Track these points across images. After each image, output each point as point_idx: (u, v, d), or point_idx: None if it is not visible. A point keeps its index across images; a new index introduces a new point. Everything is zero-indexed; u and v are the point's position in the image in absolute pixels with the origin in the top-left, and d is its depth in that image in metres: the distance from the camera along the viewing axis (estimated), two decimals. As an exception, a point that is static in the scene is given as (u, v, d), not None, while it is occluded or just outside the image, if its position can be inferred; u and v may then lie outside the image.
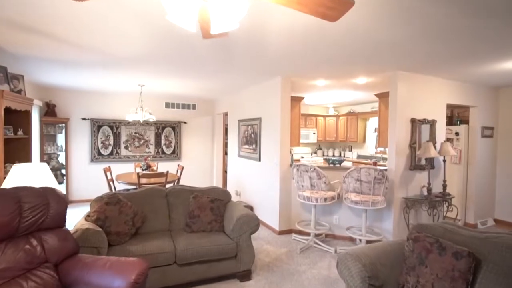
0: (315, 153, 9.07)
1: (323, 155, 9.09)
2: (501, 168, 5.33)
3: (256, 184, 5.37)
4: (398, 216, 4.09)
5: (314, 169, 3.69)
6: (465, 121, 5.31)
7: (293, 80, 4.68)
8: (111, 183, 5.15)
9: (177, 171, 5.87)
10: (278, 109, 4.55)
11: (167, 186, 5.01)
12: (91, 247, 2.42)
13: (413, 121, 4.15)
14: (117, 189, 5.36)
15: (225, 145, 7.83)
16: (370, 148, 7.96)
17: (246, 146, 5.77)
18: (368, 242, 3.85)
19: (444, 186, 4.27)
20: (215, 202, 3.38)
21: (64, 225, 2.19)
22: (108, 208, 2.86)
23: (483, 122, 5.17)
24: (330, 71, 4.10)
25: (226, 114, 7.40)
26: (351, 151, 8.66)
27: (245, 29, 2.61)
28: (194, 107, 7.57)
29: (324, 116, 8.85)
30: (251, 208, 5.50)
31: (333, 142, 9.07)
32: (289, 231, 4.65)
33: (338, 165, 4.39)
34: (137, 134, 6.94)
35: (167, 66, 3.99)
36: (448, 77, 4.46)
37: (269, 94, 4.86)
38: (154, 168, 5.61)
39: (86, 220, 2.76)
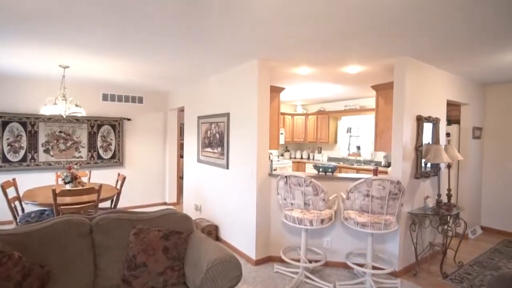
0: (282, 155, 8.21)
1: (291, 158, 8.27)
2: (487, 172, 4.95)
3: (223, 198, 4.24)
4: (404, 235, 3.32)
5: (311, 181, 2.70)
6: (454, 121, 4.82)
7: (272, 65, 3.66)
8: (16, 203, 3.60)
9: (117, 182, 4.47)
10: (255, 102, 3.49)
11: (102, 205, 3.64)
12: None
13: (419, 119, 3.41)
14: (25, 212, 3.80)
15: (181, 146, 6.53)
16: (342, 149, 7.32)
17: (209, 150, 4.60)
18: (373, 274, 2.99)
19: (449, 196, 3.61)
20: (171, 237, 2.20)
21: None
22: (-35, 271, 1.52)
23: (473, 122, 4.72)
24: (317, 54, 3.16)
25: (182, 110, 6.12)
26: (320, 153, 7.97)
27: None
28: (141, 100, 6.14)
29: (292, 115, 8.03)
30: (215, 228, 4.35)
31: (302, 143, 8.30)
32: (268, 260, 3.61)
33: (331, 173, 3.48)
34: (62, 134, 5.31)
35: (100, 31, 2.67)
36: (452, 69, 3.83)
37: (242, 82, 3.77)
38: (83, 180, 4.14)
39: None
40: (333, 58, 3.35)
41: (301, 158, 8.21)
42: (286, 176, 2.83)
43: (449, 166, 3.68)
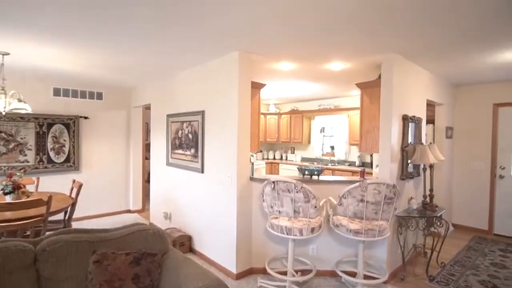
0: (252, 155, 7.93)
1: (263, 158, 8.02)
2: (457, 170, 5.09)
3: (198, 205, 3.83)
4: (391, 239, 3.19)
5: (302, 187, 2.43)
6: (428, 121, 4.87)
7: (253, 59, 3.35)
8: None
9: (72, 190, 3.86)
10: (235, 99, 3.15)
11: (55, 218, 3.07)
12: None
13: (404, 118, 3.31)
14: (-50, 230, 3.08)
15: (147, 147, 5.97)
16: (316, 149, 7.22)
17: (180, 152, 4.16)
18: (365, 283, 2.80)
19: (431, 197, 3.57)
20: (143, 261, 1.80)
21: None
22: None
23: (447, 122, 4.81)
24: (301, 47, 2.91)
25: (148, 108, 5.57)
26: (294, 153, 7.82)
27: None
28: (100, 96, 5.48)
29: (265, 114, 7.78)
30: (189, 239, 3.93)
31: (275, 143, 8.09)
32: (249, 272, 3.29)
33: (317, 176, 3.25)
34: (2, 134, 4.52)
35: (48, 9, 2.16)
36: (433, 68, 3.81)
37: (220, 77, 3.41)
38: (30, 189, 3.49)
39: None
40: (317, 53, 3.13)
41: (274, 158, 8.01)
42: (273, 182, 2.53)
43: (430, 167, 3.64)
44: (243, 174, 3.21)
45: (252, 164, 3.35)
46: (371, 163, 5.87)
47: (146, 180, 6.08)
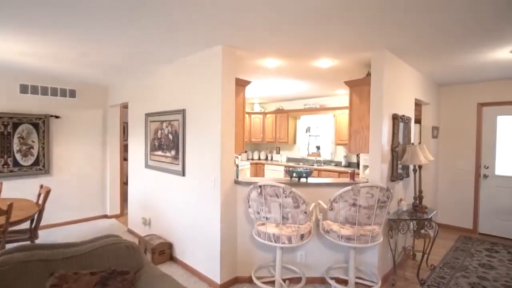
0: (237, 157, 7.71)
1: (248, 159, 7.83)
2: (442, 170, 5.08)
3: (179, 211, 3.59)
4: (382, 243, 3.07)
5: (291, 192, 2.25)
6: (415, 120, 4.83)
7: (238, 54, 3.15)
8: None
9: (39, 196, 3.52)
10: (218, 96, 2.94)
11: (20, 227, 2.74)
12: None
13: (395, 117, 3.20)
14: None
15: (125, 148, 5.64)
16: (301, 149, 7.10)
17: (160, 153, 3.90)
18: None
19: (421, 198, 3.49)
20: (111, 281, 1.56)
21: None
22: None
23: (433, 122, 4.78)
24: (288, 40, 2.74)
25: (125, 106, 5.25)
26: (279, 153, 7.68)
27: None
28: (73, 94, 5.10)
29: (250, 113, 7.60)
30: (169, 246, 3.68)
31: (260, 143, 7.91)
32: (234, 282, 3.08)
33: (305, 179, 3.08)
34: (-40, 135, 4.10)
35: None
36: (420, 67, 3.73)
37: (202, 73, 3.18)
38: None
39: None
40: (305, 48, 2.96)
41: (259, 159, 7.83)
42: (260, 186, 2.34)
43: (419, 167, 3.56)
44: (227, 177, 3.00)
45: (237, 166, 3.14)
46: (358, 163, 5.80)
47: (125, 182, 5.75)
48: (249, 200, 2.50)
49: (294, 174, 3.05)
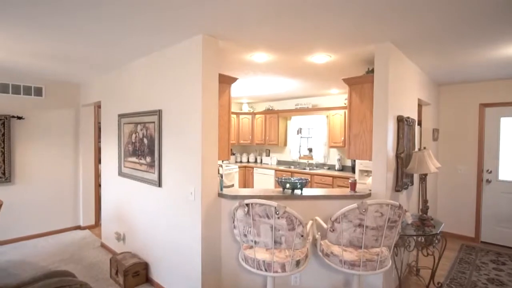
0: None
1: (237, 162, 7.40)
2: (441, 175, 4.78)
3: (155, 226, 3.13)
4: (386, 263, 2.70)
5: (285, 212, 1.85)
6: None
7: (222, 47, 2.72)
8: None
9: (-12, 212, 3.01)
10: (198, 95, 2.50)
11: None
12: None
13: (400, 120, 2.84)
14: None
15: (100, 150, 5.11)
16: (292, 152, 6.72)
17: (134, 159, 3.43)
18: (361, 322, 2.28)
19: (426, 209, 3.15)
20: None
21: None
22: None
23: (433, 124, 4.47)
24: (279, 30, 2.34)
25: (100, 106, 4.74)
26: (269, 155, 7.28)
27: None
28: (39, 92, 4.56)
29: (238, 114, 7.17)
30: (145, 266, 3.22)
31: (248, 145, 7.50)
32: (218, 310, 2.66)
33: (300, 190, 2.68)
34: None
35: None
36: (424, 64, 3.39)
37: (180, 67, 2.74)
38: None
39: None
40: (299, 40, 2.57)
41: (248, 162, 7.42)
42: (247, 204, 1.92)
43: (425, 175, 3.22)
44: (210, 189, 2.57)
45: (221, 176, 2.72)
46: (352, 167, 5.45)
47: (99, 184, 5.23)
48: (234, 219, 2.08)
49: (288, 185, 2.64)
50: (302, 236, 1.93)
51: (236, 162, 7.37)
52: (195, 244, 2.57)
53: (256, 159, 7.45)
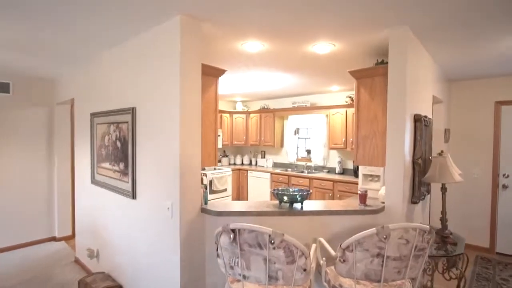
0: (219, 161, 6.82)
1: (230, 164, 6.94)
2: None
3: (131, 243, 2.67)
4: (402, 289, 2.27)
5: (282, 241, 1.40)
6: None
7: (206, 31, 2.26)
8: None
9: None
10: (175, 90, 2.05)
11: None
12: None
13: (417, 119, 2.41)
14: None
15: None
16: (289, 154, 6.28)
17: (107, 165, 2.96)
18: None
19: (445, 223, 2.72)
20: None
21: None
22: None
23: (445, 123, 4.06)
24: (274, 16, 1.90)
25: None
26: (264, 157, 6.83)
27: None
28: (5, 88, 4.05)
29: (231, 113, 6.71)
30: (120, 289, 2.76)
31: (242, 146, 7.05)
32: None
33: (300, 204, 2.23)
34: None
35: None
36: (439, 55, 2.97)
37: (154, 57, 2.28)
38: None
39: None
40: (298, 24, 2.13)
41: (242, 164, 6.96)
42: (233, 230, 1.47)
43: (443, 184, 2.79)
44: (190, 204, 2.12)
45: (206, 188, 2.26)
46: (354, 171, 5.03)
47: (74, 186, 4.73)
48: (217, 247, 1.63)
49: (285, 198, 2.19)
50: (305, 270, 1.49)
51: (229, 164, 6.91)
52: (173, 270, 2.12)
53: (250, 161, 7.01)
